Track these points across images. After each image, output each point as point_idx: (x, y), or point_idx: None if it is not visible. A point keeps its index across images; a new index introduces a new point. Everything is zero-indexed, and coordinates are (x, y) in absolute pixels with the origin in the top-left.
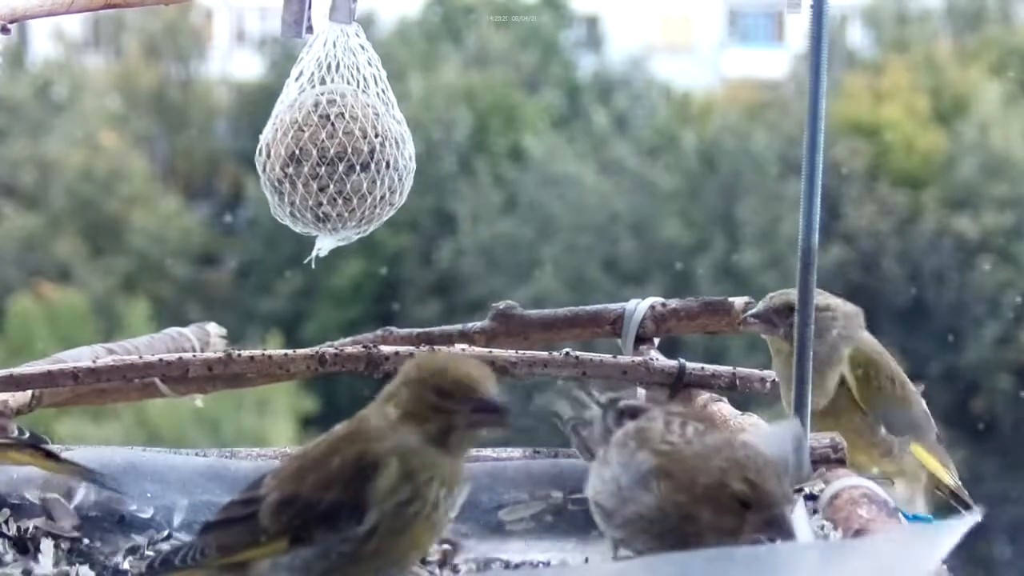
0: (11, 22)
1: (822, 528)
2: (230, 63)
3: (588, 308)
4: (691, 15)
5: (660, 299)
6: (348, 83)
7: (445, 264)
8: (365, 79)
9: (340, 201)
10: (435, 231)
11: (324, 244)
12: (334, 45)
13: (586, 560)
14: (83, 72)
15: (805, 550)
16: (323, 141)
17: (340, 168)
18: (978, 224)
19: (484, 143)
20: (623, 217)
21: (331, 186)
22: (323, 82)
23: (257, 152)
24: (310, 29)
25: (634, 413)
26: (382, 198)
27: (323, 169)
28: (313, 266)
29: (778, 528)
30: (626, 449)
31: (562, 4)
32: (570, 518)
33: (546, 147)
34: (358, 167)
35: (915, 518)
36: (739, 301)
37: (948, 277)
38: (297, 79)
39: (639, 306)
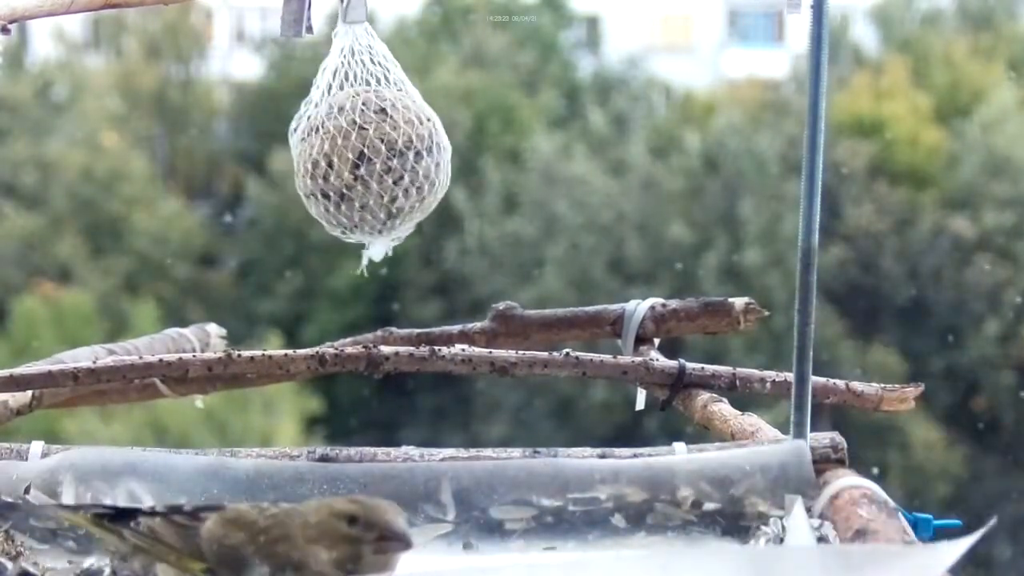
0: (11, 22)
1: (820, 527)
2: (230, 63)
3: (588, 309)
4: (691, 15)
5: (660, 300)
6: (378, 81)
7: (446, 265)
8: (389, 73)
9: (413, 191)
10: (435, 232)
11: (375, 250)
12: (352, 48)
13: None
14: (83, 72)
15: (809, 552)
16: (388, 134)
17: (410, 157)
18: (979, 223)
19: (483, 143)
20: (626, 217)
21: (405, 176)
22: (353, 84)
23: (310, 167)
24: (310, 29)
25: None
26: (442, 181)
27: (395, 161)
28: (365, 275)
29: (395, 540)
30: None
31: (561, 4)
32: (570, 518)
33: (548, 147)
34: (424, 152)
35: (916, 518)
36: (739, 302)
37: (948, 276)
38: (322, 87)
39: (639, 307)
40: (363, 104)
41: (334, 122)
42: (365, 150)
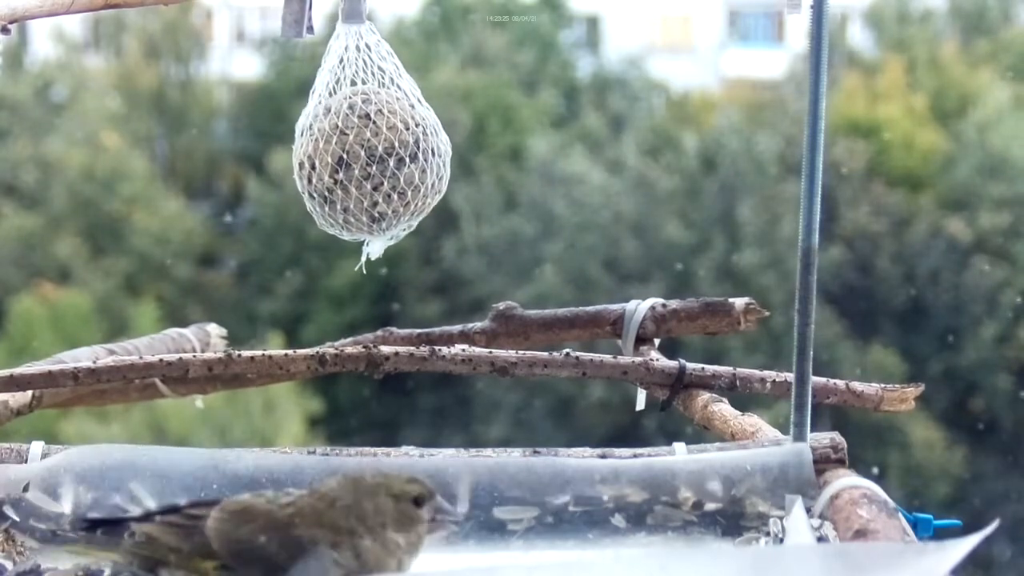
0: (11, 22)
1: (820, 527)
2: (230, 63)
3: (588, 309)
4: (691, 15)
5: (660, 300)
6: (377, 81)
7: (445, 264)
8: (387, 73)
9: (395, 197)
10: (435, 231)
11: (374, 247)
12: (352, 47)
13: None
14: (83, 72)
15: (809, 552)
16: (369, 140)
17: (391, 164)
18: (976, 224)
19: (482, 143)
20: (624, 217)
21: (385, 183)
22: (350, 84)
23: (297, 167)
24: (311, 29)
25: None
26: (431, 187)
27: (374, 168)
28: (364, 272)
29: (447, 512)
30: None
31: (561, 4)
32: (571, 519)
33: (547, 147)
34: (407, 159)
35: (916, 518)
36: (740, 302)
37: (946, 277)
38: (320, 87)
39: (639, 307)
40: (349, 108)
41: (320, 124)
42: (345, 155)
